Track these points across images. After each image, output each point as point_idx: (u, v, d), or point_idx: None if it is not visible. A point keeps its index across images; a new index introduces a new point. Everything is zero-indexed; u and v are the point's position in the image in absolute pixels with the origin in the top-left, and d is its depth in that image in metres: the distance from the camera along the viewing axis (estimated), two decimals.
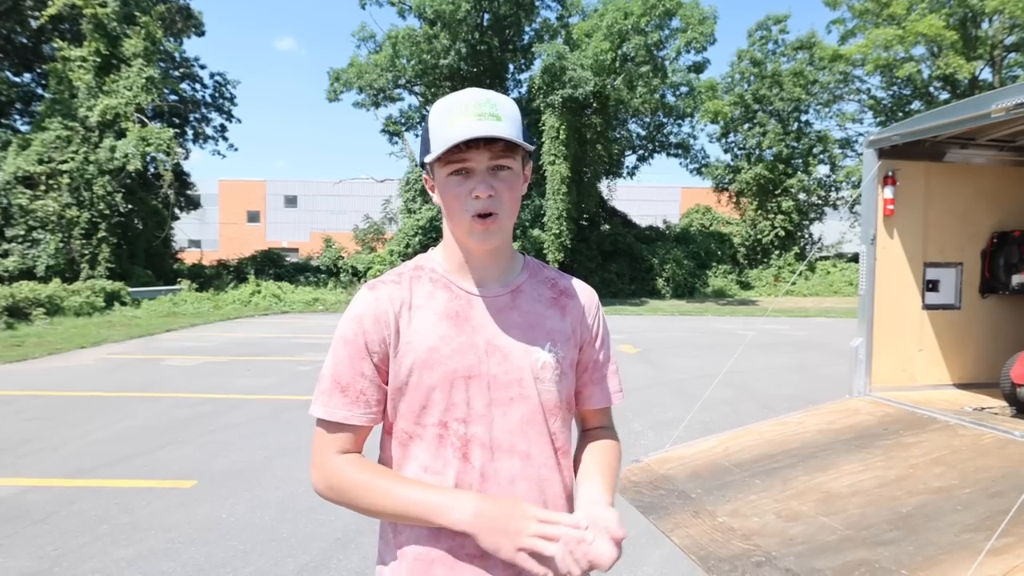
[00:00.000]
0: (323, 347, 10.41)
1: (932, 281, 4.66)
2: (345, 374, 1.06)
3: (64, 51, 18.35)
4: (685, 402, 6.49)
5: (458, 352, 1.06)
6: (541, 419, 1.09)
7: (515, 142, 1.01)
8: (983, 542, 2.06)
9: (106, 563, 3.14)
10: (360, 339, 1.06)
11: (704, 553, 2.47)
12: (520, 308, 1.11)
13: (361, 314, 1.07)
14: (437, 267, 1.13)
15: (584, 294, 1.20)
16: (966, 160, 4.60)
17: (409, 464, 1.07)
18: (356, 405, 1.06)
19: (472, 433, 1.05)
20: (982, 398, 4.39)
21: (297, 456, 4.81)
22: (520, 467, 1.07)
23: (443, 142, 1.00)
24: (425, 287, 1.10)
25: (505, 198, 1.03)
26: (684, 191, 42.81)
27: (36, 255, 17.68)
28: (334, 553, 3.27)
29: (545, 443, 1.09)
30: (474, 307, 1.09)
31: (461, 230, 1.06)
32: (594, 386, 1.20)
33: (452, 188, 1.03)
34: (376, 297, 1.08)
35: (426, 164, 1.07)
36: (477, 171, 1.02)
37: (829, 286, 24.75)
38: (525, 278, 1.15)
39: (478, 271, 1.11)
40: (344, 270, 22.97)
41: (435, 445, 1.06)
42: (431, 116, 1.06)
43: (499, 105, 1.02)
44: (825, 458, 3.27)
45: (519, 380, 1.08)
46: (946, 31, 22.09)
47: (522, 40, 22.82)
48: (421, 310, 1.08)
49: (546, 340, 1.11)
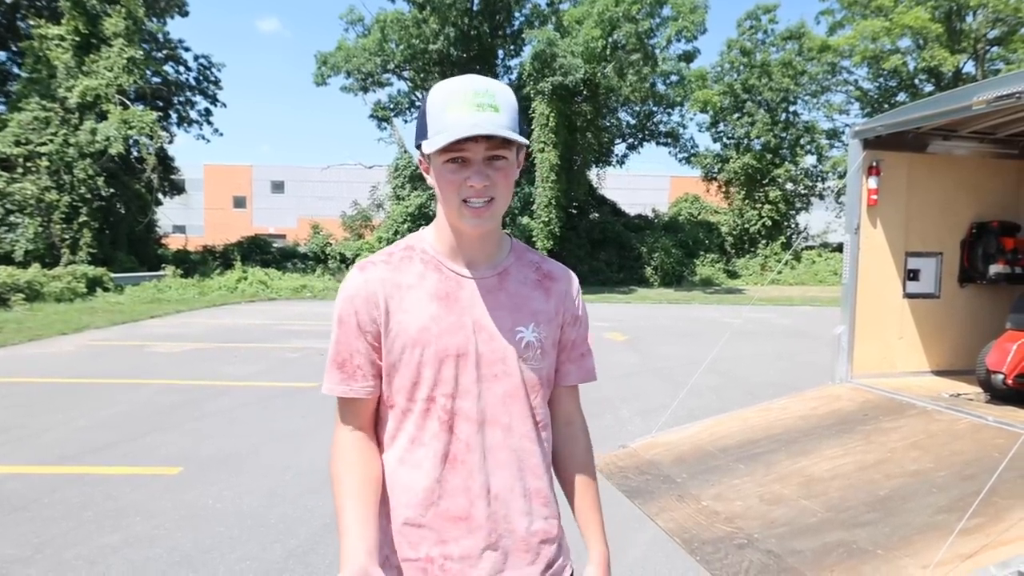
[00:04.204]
0: (311, 334, 10.40)
1: (913, 270, 4.73)
2: (342, 352, 1.12)
3: (41, 29, 17.88)
4: (671, 389, 6.56)
5: (448, 332, 1.11)
6: (523, 395, 1.15)
7: (512, 139, 1.04)
8: (956, 522, 2.12)
9: (91, 549, 3.12)
10: (352, 319, 1.11)
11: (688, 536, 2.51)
12: (507, 290, 1.16)
13: (352, 295, 1.12)
14: (428, 248, 1.16)
15: (566, 277, 1.25)
16: (948, 152, 4.65)
17: (400, 436, 1.14)
18: (353, 380, 1.12)
19: (459, 407, 1.11)
20: (959, 384, 4.48)
21: (284, 443, 4.80)
22: (502, 438, 1.13)
23: (440, 130, 1.03)
24: (416, 267, 1.14)
25: (500, 186, 1.07)
26: (673, 180, 42.89)
27: (14, 239, 17.34)
28: (322, 538, 3.28)
29: (526, 417, 1.16)
30: (463, 288, 1.14)
31: (455, 214, 1.09)
32: (571, 364, 1.25)
33: (448, 175, 1.06)
34: (366, 279, 1.12)
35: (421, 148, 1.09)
36: (473, 161, 1.05)
37: (814, 275, 25.02)
38: (512, 261, 1.19)
39: (468, 253, 1.15)
40: (332, 257, 22.81)
41: (422, 418, 1.12)
42: (429, 101, 1.07)
43: (497, 95, 1.05)
44: (807, 443, 3.33)
45: (503, 358, 1.13)
46: (931, 24, 22.25)
47: (512, 26, 22.63)
48: (412, 290, 1.12)
49: (530, 321, 1.16)
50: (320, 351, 8.85)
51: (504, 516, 1.13)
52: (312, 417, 5.53)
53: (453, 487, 1.11)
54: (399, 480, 1.13)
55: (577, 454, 1.27)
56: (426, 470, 1.11)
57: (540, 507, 1.17)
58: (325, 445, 4.40)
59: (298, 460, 4.42)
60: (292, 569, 2.98)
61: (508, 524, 1.13)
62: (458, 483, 1.11)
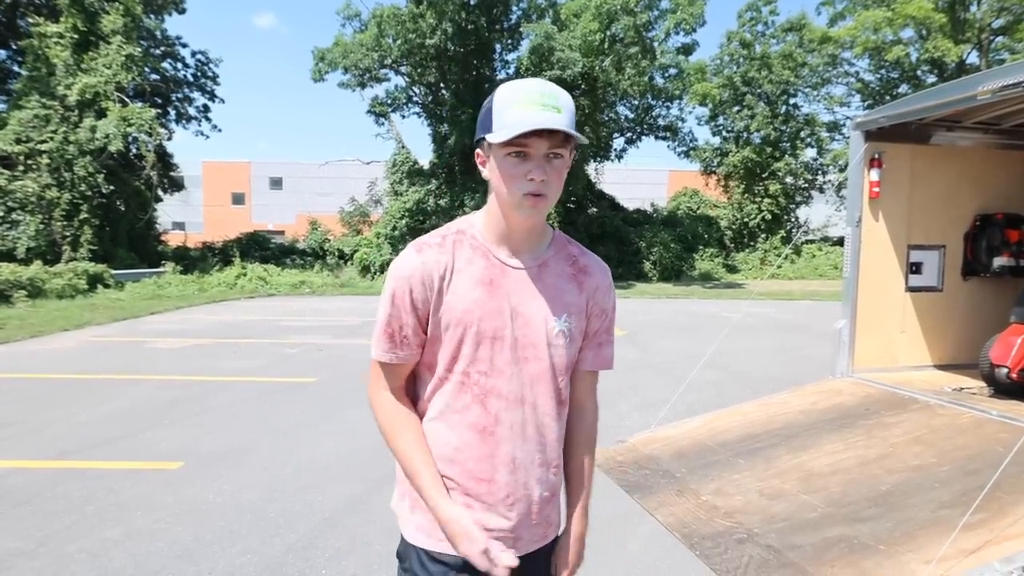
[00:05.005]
0: (310, 329, 10.41)
1: (915, 263, 4.70)
2: (392, 324, 1.24)
3: (40, 27, 17.83)
4: (671, 383, 6.55)
5: (488, 316, 1.23)
6: (550, 377, 1.28)
7: (575, 137, 1.15)
8: (959, 518, 2.11)
9: (93, 543, 3.13)
10: (407, 297, 1.22)
11: (688, 531, 2.51)
12: (544, 281, 1.28)
13: (409, 275, 1.22)
14: (478, 234, 1.27)
15: (600, 271, 1.36)
16: (951, 143, 4.62)
17: (436, 399, 1.27)
18: (400, 348, 1.25)
19: (491, 384, 1.24)
20: (962, 379, 4.46)
21: (284, 438, 4.80)
22: (529, 415, 1.27)
23: (506, 125, 1.13)
24: (466, 252, 1.25)
25: (554, 183, 1.18)
26: (672, 174, 42.78)
27: (16, 237, 17.35)
28: (322, 532, 3.28)
29: (550, 397, 1.29)
30: (507, 276, 1.25)
31: (510, 205, 1.19)
32: (588, 350, 1.36)
33: (509, 168, 1.16)
34: (423, 260, 1.22)
35: (482, 141, 1.20)
36: (534, 156, 1.15)
37: (814, 269, 24.97)
38: (552, 254, 1.31)
39: (514, 243, 1.26)
40: (330, 252, 22.79)
41: (457, 389, 1.25)
42: (496, 98, 1.18)
43: (560, 98, 1.16)
44: (807, 438, 3.32)
45: (535, 344, 1.26)
46: (935, 13, 22.12)
47: (509, 20, 22.48)
48: (461, 274, 1.23)
49: (563, 312, 1.28)
50: (319, 347, 8.85)
51: (524, 483, 1.26)
52: (311, 412, 5.53)
53: (480, 454, 1.24)
54: (431, 435, 1.26)
55: (580, 435, 1.38)
56: (458, 432, 1.24)
57: (553, 476, 1.31)
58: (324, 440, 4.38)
59: (297, 455, 4.42)
60: (292, 563, 2.98)
61: (526, 491, 1.27)
62: (485, 451, 1.24)
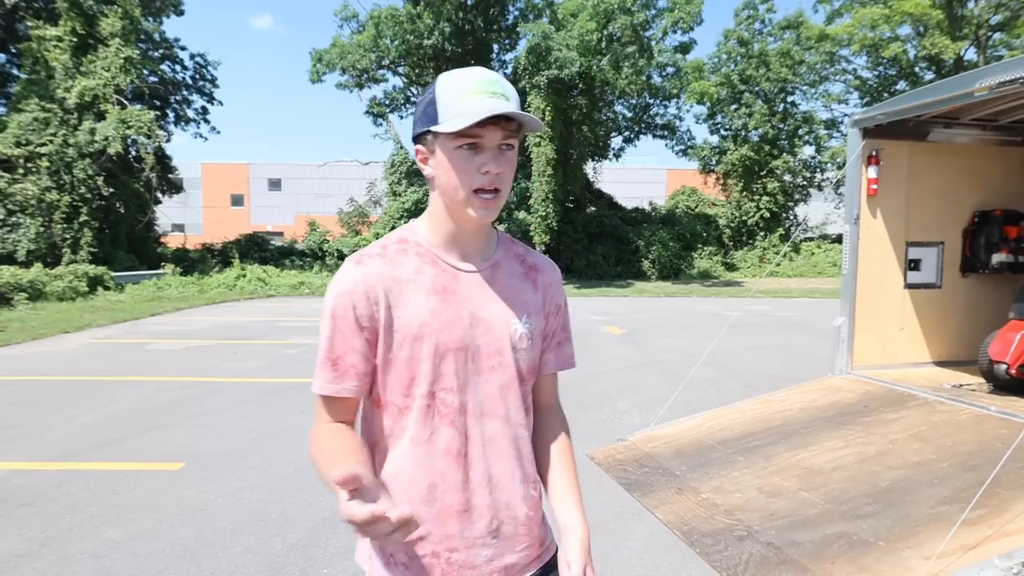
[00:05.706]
0: (309, 330, 10.40)
1: (914, 260, 4.71)
2: (336, 348, 1.09)
3: (39, 30, 17.83)
4: (670, 382, 6.56)
5: (446, 326, 1.10)
6: (517, 384, 1.17)
7: (533, 123, 1.04)
8: (958, 514, 2.12)
9: (95, 544, 3.13)
10: (349, 315, 1.08)
11: (688, 528, 2.51)
12: (499, 282, 1.17)
13: (350, 289, 1.08)
14: (423, 241, 1.15)
15: (550, 268, 1.26)
16: (949, 139, 4.62)
17: (399, 435, 1.12)
18: (346, 378, 1.10)
19: (459, 401, 1.11)
20: (961, 375, 4.47)
21: (284, 438, 4.81)
22: (501, 428, 1.15)
23: (456, 115, 1.01)
24: (412, 261, 1.12)
25: (507, 176, 1.07)
26: (670, 173, 42.80)
27: (16, 239, 17.34)
28: (323, 532, 3.29)
29: (519, 405, 1.17)
30: (460, 281, 1.13)
31: (461, 203, 1.07)
32: (549, 352, 1.26)
33: (461, 161, 1.04)
34: (365, 273, 1.09)
35: (425, 135, 1.07)
36: (487, 148, 1.04)
37: (813, 267, 25.00)
38: (501, 253, 1.20)
39: (464, 245, 1.14)
40: (329, 253, 22.81)
41: (423, 415, 1.11)
42: (439, 88, 1.05)
43: (506, 86, 1.05)
44: (807, 435, 3.32)
45: (499, 350, 1.14)
46: (932, 10, 22.12)
47: (507, 20, 22.50)
48: (410, 284, 1.11)
49: (523, 312, 1.17)
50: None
51: (506, 503, 1.14)
52: (311, 412, 5.53)
53: (455, 482, 1.11)
54: (400, 479, 1.11)
55: (555, 438, 1.26)
56: (427, 468, 1.10)
57: (532, 490, 1.19)
58: None
59: (298, 455, 4.42)
60: (293, 562, 2.99)
61: (510, 511, 1.15)
62: (460, 477, 1.11)
